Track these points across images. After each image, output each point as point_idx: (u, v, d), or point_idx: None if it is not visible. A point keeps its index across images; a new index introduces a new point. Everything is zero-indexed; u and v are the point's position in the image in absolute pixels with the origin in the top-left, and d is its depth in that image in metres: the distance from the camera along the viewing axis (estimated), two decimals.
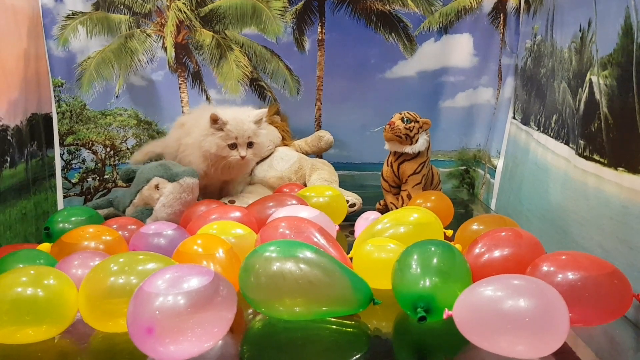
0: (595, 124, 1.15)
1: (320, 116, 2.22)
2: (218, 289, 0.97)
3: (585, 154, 1.22)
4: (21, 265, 1.14)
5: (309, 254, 1.06)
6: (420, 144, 1.79)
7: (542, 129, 1.57)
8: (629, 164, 1.02)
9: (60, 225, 1.48)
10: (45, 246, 1.33)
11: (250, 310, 1.13)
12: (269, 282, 1.02)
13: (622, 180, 1.05)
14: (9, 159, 1.61)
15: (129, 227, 1.44)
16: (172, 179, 1.60)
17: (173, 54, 2.16)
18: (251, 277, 1.05)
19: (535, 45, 1.70)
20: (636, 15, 0.99)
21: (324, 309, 1.04)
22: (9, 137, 1.61)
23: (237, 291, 1.04)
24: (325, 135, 2.12)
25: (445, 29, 2.12)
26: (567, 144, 1.36)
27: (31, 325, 1.00)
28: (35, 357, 0.99)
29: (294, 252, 1.05)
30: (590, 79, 1.19)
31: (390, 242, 1.22)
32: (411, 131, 1.77)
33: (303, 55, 2.17)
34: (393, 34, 2.14)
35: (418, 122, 1.79)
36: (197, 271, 0.98)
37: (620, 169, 1.06)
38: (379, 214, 1.60)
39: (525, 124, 1.74)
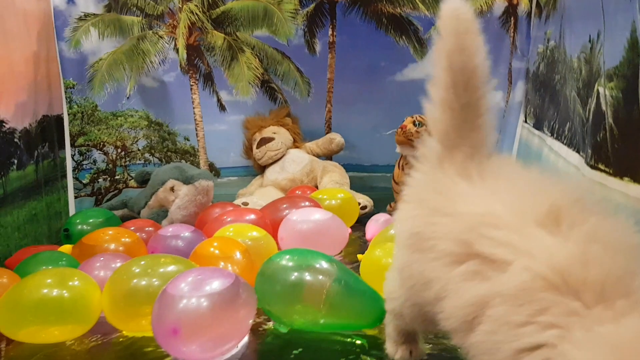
0: (601, 134, 1.17)
1: (330, 118, 2.23)
2: (239, 291, 0.99)
3: (591, 163, 1.23)
4: (44, 267, 1.16)
5: (324, 264, 1.07)
6: None
7: (555, 135, 1.58)
8: (634, 174, 1.03)
9: (79, 227, 1.50)
10: (66, 248, 1.35)
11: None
12: (285, 292, 1.04)
13: (628, 190, 1.06)
14: (16, 161, 1.62)
15: (147, 229, 1.46)
16: (187, 181, 1.62)
17: (185, 56, 2.17)
18: (267, 285, 1.07)
19: (548, 51, 1.71)
20: None
21: (338, 321, 1.05)
22: (16, 140, 1.62)
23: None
24: (337, 138, 2.14)
25: None
26: (577, 152, 1.37)
27: (57, 324, 1.02)
28: (61, 355, 1.01)
29: (310, 261, 1.07)
30: (597, 90, 1.20)
31: None
32: (422, 134, 1.78)
33: (314, 58, 2.18)
34: (404, 37, 2.15)
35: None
36: (218, 274, 1.00)
37: (626, 178, 1.07)
38: (390, 217, 1.62)
39: (538, 129, 1.75)
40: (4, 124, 1.57)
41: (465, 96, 0.70)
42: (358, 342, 1.03)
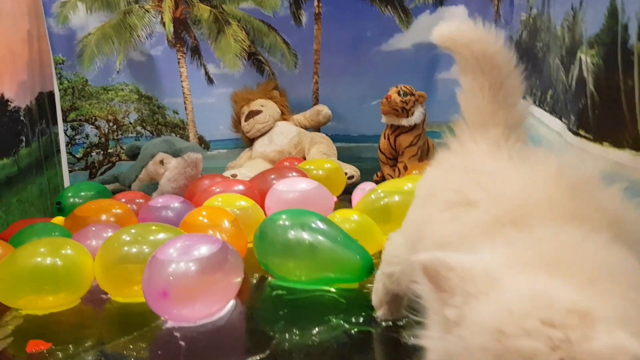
0: (583, 101, 1.20)
1: (317, 89, 2.25)
2: (226, 256, 1.04)
3: (573, 129, 1.27)
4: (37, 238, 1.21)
5: (320, 224, 1.15)
6: (416, 116, 1.84)
7: (537, 102, 1.61)
8: (614, 139, 1.08)
9: (71, 200, 1.54)
10: (58, 219, 1.40)
11: (256, 276, 1.21)
12: (282, 247, 1.12)
13: (607, 155, 1.10)
14: (24, 139, 1.66)
15: (137, 200, 1.51)
16: (176, 154, 1.66)
17: (171, 29, 2.18)
18: (266, 242, 1.15)
19: (530, 19, 1.73)
20: None
21: (328, 274, 1.13)
22: (21, 118, 1.66)
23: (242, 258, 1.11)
24: (324, 110, 2.16)
25: (440, 1, 2.14)
26: (560, 118, 1.41)
27: (51, 293, 1.07)
28: (56, 320, 1.06)
29: (304, 220, 1.14)
30: (580, 57, 1.23)
31: (355, 214, 1.30)
32: (407, 104, 1.82)
33: (300, 29, 2.19)
34: (389, 7, 2.15)
35: (414, 95, 1.84)
36: (206, 240, 1.05)
37: (606, 143, 1.11)
38: (376, 186, 1.67)
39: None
40: (9, 103, 1.60)
41: (492, 75, 0.74)
42: (341, 301, 1.09)
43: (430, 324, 0.51)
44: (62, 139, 2.15)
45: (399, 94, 1.82)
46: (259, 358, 0.89)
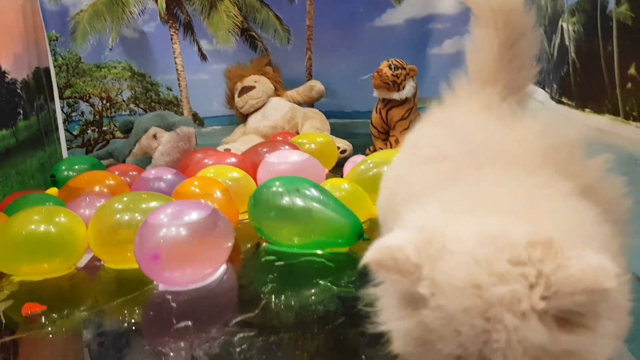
0: (565, 69, 1.22)
1: (311, 65, 2.26)
2: (217, 221, 1.07)
3: (556, 97, 1.29)
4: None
5: (313, 190, 1.18)
6: (408, 90, 1.85)
7: None
8: (595, 105, 1.09)
9: (65, 173, 1.56)
10: (53, 191, 1.41)
11: (248, 245, 1.24)
12: (276, 212, 1.16)
13: (589, 121, 1.12)
14: (21, 111, 1.67)
15: (130, 173, 1.52)
16: (169, 128, 1.67)
17: (164, 5, 2.18)
18: (260, 207, 1.19)
19: None
20: None
21: (320, 238, 1.16)
22: (18, 90, 1.66)
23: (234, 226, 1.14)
24: (317, 85, 2.17)
25: None
26: (543, 88, 1.42)
27: (45, 260, 1.09)
28: (51, 286, 1.09)
29: (297, 186, 1.18)
30: (561, 25, 1.25)
31: (345, 182, 1.33)
32: (398, 78, 1.83)
33: (292, 5, 2.19)
34: None
35: (405, 69, 1.84)
36: (196, 206, 1.07)
37: (587, 110, 1.13)
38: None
39: None
40: (6, 75, 1.61)
41: (505, 32, 0.72)
42: (330, 265, 1.12)
43: (384, 308, 0.49)
44: (60, 116, 2.15)
45: (390, 67, 1.83)
46: (247, 317, 0.92)
